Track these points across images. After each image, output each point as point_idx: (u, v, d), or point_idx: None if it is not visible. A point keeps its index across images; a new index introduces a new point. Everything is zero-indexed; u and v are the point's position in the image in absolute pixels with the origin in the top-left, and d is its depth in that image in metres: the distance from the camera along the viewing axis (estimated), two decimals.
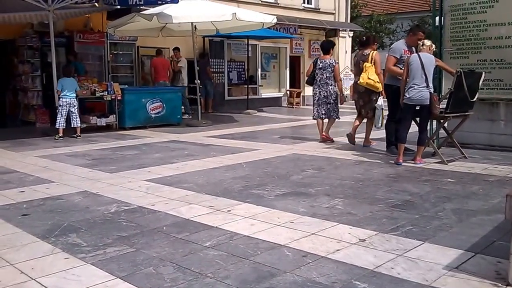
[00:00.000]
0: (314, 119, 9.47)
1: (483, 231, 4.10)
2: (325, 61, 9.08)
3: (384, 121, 8.32)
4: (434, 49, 7.33)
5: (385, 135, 8.24)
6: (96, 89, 11.41)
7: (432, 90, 7.00)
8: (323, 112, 9.20)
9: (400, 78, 7.34)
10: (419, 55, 7.02)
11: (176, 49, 14.83)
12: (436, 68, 8.23)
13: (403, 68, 7.34)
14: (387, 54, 7.91)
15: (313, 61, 9.37)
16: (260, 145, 9.24)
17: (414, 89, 6.92)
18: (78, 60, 13.19)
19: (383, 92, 8.30)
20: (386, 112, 8.23)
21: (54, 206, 5.11)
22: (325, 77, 9.07)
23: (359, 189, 5.73)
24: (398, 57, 7.64)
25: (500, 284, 3.07)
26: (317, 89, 9.18)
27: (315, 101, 9.28)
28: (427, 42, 7.17)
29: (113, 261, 3.53)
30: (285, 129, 12.62)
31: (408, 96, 7.01)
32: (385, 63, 7.89)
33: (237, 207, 4.93)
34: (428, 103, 6.91)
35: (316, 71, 9.14)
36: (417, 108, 7.05)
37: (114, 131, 11.53)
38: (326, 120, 9.38)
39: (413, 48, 7.72)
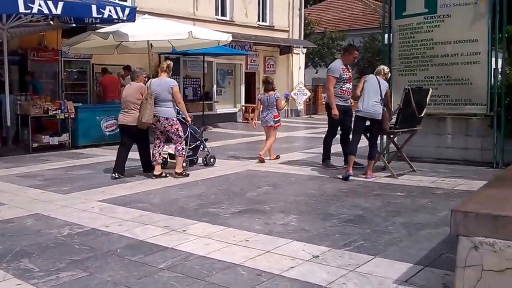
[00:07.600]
0: None
1: (431, 244, 4.26)
2: None
3: None
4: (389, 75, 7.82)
5: (334, 150, 8.53)
6: (49, 107, 11.16)
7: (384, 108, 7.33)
8: None
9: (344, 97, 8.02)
10: (377, 78, 7.36)
11: (126, 68, 14.48)
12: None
13: (342, 87, 8.00)
14: (326, 75, 8.22)
15: None
16: (215, 162, 9.23)
17: (370, 102, 7.18)
18: (36, 79, 12.92)
19: None
20: None
21: (5, 230, 4.97)
22: None
23: (313, 205, 5.85)
24: (338, 76, 8.02)
25: None
26: None
27: None
28: (386, 69, 7.60)
29: (66, 287, 3.48)
30: (240, 144, 12.69)
31: (361, 108, 7.23)
32: (326, 83, 8.25)
33: (192, 227, 4.94)
34: (380, 118, 7.17)
35: None
36: (367, 123, 7.29)
37: (67, 150, 11.29)
38: None
39: (349, 65, 8.30)
